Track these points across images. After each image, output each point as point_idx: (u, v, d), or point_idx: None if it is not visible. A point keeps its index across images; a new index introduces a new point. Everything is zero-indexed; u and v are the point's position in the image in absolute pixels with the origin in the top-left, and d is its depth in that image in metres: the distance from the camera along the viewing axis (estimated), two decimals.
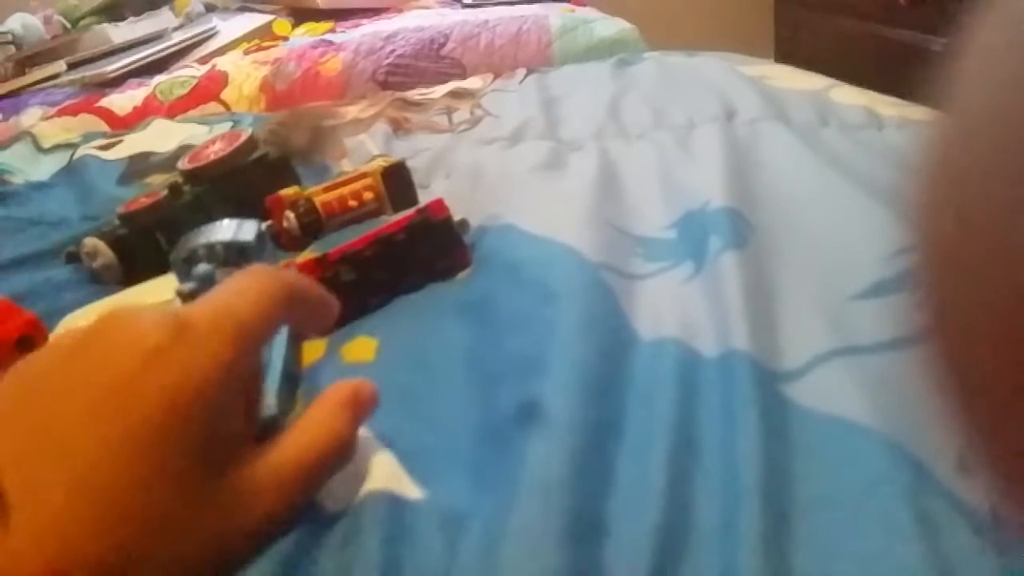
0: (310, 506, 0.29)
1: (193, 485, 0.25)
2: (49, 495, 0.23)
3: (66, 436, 0.24)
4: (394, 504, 0.29)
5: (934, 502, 0.27)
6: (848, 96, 0.70)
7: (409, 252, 0.45)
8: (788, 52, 2.28)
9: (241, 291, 0.28)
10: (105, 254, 0.52)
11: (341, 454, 0.29)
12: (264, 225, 0.48)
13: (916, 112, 0.65)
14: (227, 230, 0.45)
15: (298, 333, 0.41)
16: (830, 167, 0.54)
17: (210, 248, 0.44)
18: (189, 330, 0.26)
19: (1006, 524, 0.25)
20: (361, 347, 0.41)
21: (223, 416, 0.26)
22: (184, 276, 0.43)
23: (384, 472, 0.31)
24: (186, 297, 0.37)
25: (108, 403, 0.24)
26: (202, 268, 0.37)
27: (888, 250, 0.41)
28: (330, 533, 0.28)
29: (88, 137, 0.91)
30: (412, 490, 0.30)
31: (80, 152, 0.83)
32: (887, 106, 0.67)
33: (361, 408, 0.30)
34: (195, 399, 0.25)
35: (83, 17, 1.48)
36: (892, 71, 1.39)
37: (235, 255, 0.43)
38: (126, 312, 0.26)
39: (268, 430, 0.29)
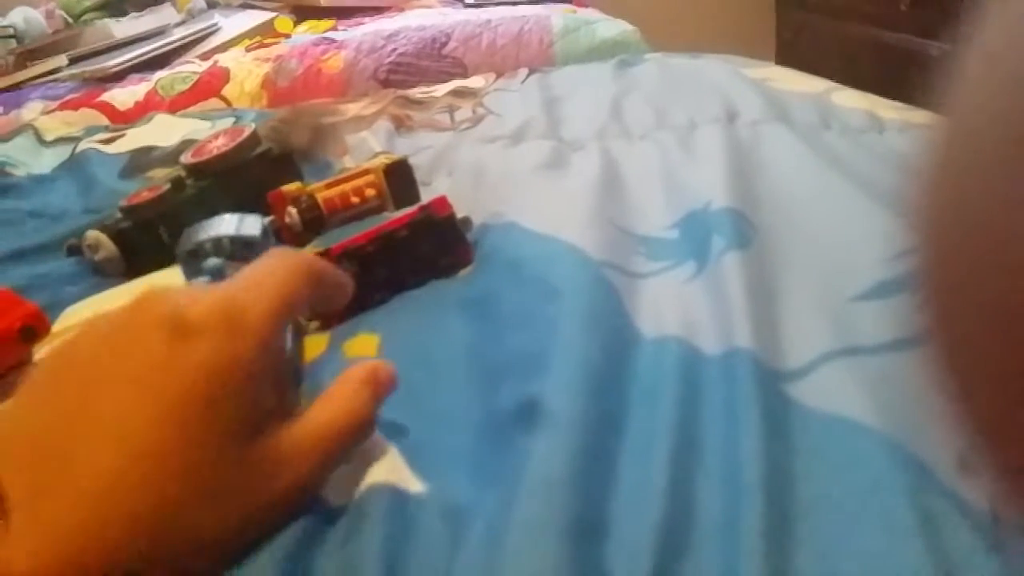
0: (313, 500, 0.29)
1: (218, 467, 0.25)
2: (52, 498, 0.23)
3: (71, 435, 0.24)
4: (396, 497, 0.29)
5: (936, 502, 0.27)
6: (849, 99, 0.70)
7: (411, 249, 0.45)
8: (789, 55, 2.28)
9: (271, 270, 0.29)
10: (107, 247, 0.53)
11: (360, 430, 0.30)
12: (267, 220, 0.48)
13: (917, 116, 0.65)
14: (231, 224, 0.45)
15: (300, 329, 0.41)
16: (832, 169, 0.54)
17: (217, 242, 0.44)
18: (208, 314, 0.26)
19: (1007, 524, 0.25)
20: (363, 343, 0.41)
21: (255, 394, 0.27)
22: (190, 269, 0.43)
23: (386, 465, 0.31)
24: None
25: (123, 394, 0.24)
26: (213, 262, 0.37)
27: (889, 252, 0.41)
28: (333, 527, 0.28)
29: (90, 131, 0.91)
30: (414, 483, 0.30)
31: (82, 146, 0.83)
32: (888, 110, 0.67)
33: (380, 388, 0.31)
34: (228, 379, 0.25)
35: (85, 12, 1.48)
36: (892, 75, 1.39)
37: (241, 249, 0.43)
38: (157, 297, 0.27)
39: None
